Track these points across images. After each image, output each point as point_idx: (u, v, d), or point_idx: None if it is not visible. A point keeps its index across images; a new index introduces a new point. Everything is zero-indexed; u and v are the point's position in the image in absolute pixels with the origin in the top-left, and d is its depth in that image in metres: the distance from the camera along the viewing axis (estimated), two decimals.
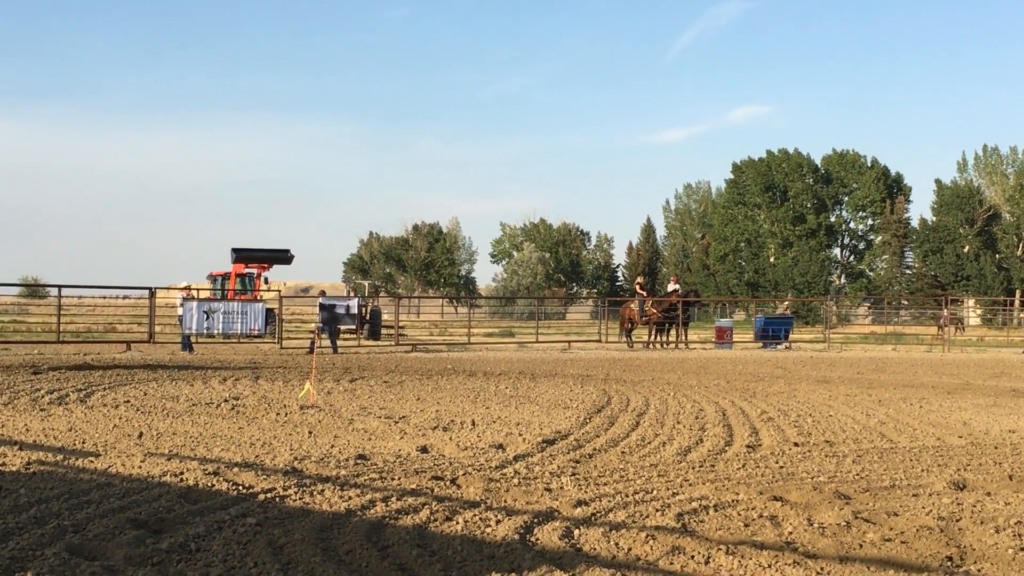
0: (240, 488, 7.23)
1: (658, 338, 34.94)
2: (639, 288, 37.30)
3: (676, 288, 36.17)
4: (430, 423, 11.56)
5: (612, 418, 12.31)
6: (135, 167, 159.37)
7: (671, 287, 36.69)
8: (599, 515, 6.66)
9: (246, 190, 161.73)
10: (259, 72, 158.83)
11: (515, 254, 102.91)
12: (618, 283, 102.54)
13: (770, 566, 5.50)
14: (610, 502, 7.06)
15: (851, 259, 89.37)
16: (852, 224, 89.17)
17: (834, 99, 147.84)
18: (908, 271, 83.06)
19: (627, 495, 7.32)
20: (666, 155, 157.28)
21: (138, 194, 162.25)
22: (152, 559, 5.35)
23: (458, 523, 6.32)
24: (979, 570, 5.60)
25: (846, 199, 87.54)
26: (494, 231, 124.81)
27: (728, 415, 12.78)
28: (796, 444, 10.33)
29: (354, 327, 33.24)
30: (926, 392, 16.87)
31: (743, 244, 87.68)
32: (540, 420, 12.03)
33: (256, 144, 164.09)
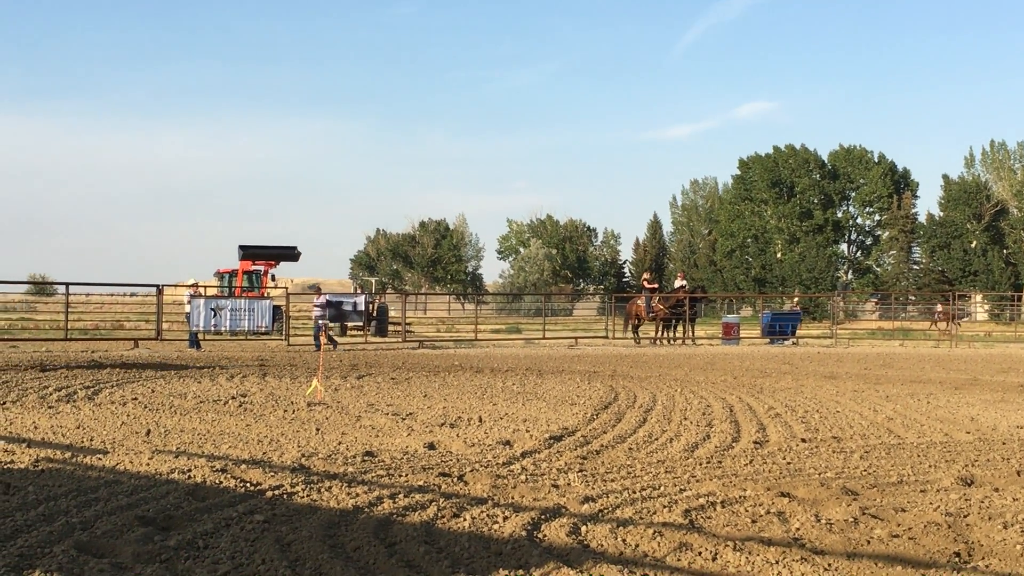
0: (248, 485, 7.24)
1: (665, 334, 34.91)
2: (647, 283, 37.20)
3: (683, 284, 36.15)
4: (437, 420, 11.57)
5: (619, 414, 12.31)
6: (142, 164, 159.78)
7: (678, 283, 36.67)
8: (606, 511, 6.66)
9: (253, 187, 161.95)
10: (266, 69, 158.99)
11: (522, 250, 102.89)
12: (625, 279, 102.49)
13: (778, 562, 5.50)
14: (617, 498, 7.06)
15: (858, 255, 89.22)
16: (859, 220, 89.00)
17: (841, 94, 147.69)
18: (915, 267, 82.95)
19: (634, 491, 7.32)
20: (673, 151, 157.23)
21: (145, 191, 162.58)
22: (160, 556, 5.36)
23: (465, 520, 6.32)
24: (987, 566, 5.59)
25: (853, 195, 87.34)
26: (501, 227, 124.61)
27: (735, 411, 12.77)
28: (803, 440, 10.32)
29: (361, 324, 33.30)
30: (933, 388, 16.85)
31: (750, 240, 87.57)
32: (547, 416, 12.04)
33: (263, 141, 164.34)
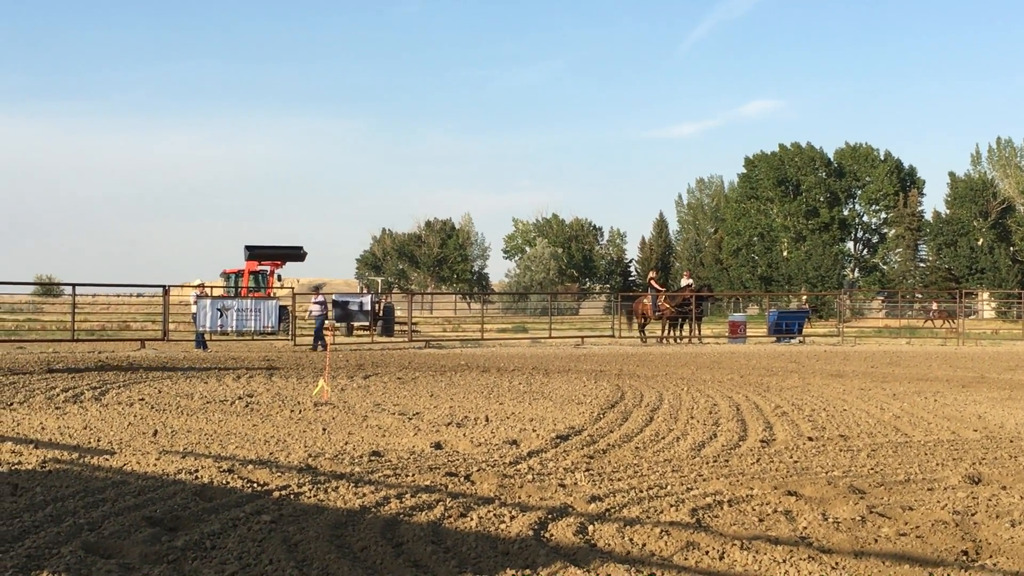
0: (255, 485, 7.25)
1: (671, 333, 34.88)
2: (653, 282, 37.15)
3: (689, 283, 36.12)
4: (444, 419, 11.57)
5: (626, 413, 12.30)
6: (148, 165, 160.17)
7: (684, 282, 36.65)
8: (613, 511, 6.65)
9: (259, 187, 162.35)
10: (271, 68, 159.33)
11: (528, 250, 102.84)
12: (631, 278, 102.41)
13: (785, 561, 5.49)
14: (624, 498, 7.06)
15: (864, 253, 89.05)
16: (865, 218, 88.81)
17: (846, 92, 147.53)
18: (922, 264, 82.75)
19: (641, 491, 7.31)
20: (678, 149, 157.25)
21: (151, 192, 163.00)
22: (168, 557, 5.37)
23: (472, 519, 6.32)
24: (995, 564, 5.58)
25: (859, 192, 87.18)
26: (506, 227, 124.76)
27: (742, 410, 12.76)
28: (810, 439, 10.31)
29: (367, 324, 33.32)
30: (940, 386, 16.82)
31: (756, 238, 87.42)
32: (554, 416, 12.03)
33: (268, 141, 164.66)
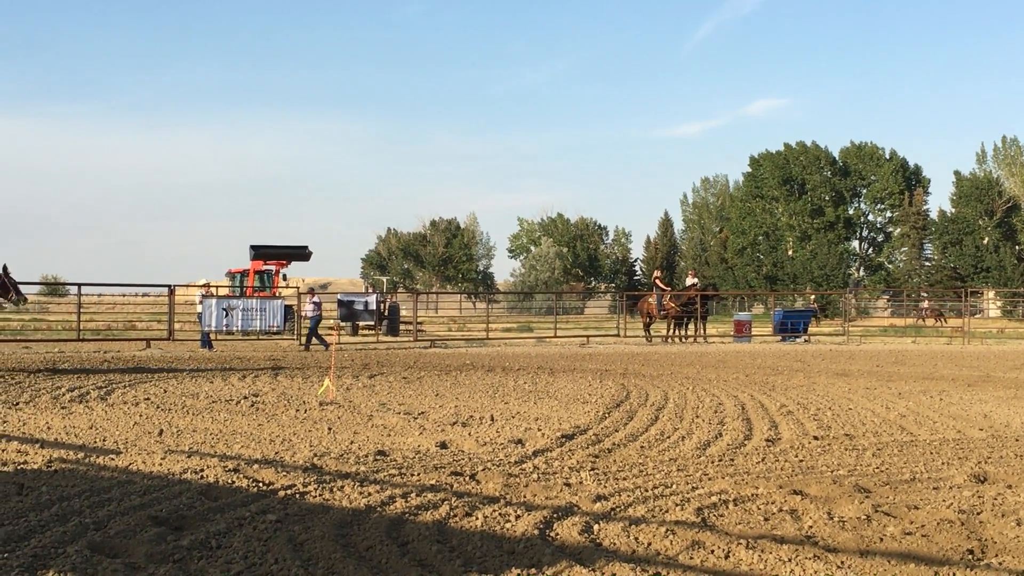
0: (260, 485, 7.26)
1: (676, 332, 34.85)
2: (659, 281, 37.11)
3: (694, 282, 36.10)
4: (449, 419, 11.57)
5: (631, 413, 12.30)
6: (153, 165, 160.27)
7: (689, 281, 36.63)
8: (619, 510, 6.65)
9: (264, 187, 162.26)
10: (275, 69, 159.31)
11: (533, 249, 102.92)
12: (636, 277, 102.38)
13: (790, 560, 5.49)
14: (629, 497, 7.05)
15: (870, 252, 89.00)
16: (871, 216, 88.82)
17: (851, 91, 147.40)
18: (927, 263, 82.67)
19: (646, 490, 7.31)
20: (683, 149, 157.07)
21: (156, 192, 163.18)
22: (173, 556, 5.37)
23: (478, 519, 6.32)
24: (1000, 563, 5.57)
25: (864, 191, 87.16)
26: (512, 226, 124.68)
27: (747, 409, 12.75)
28: (816, 438, 10.30)
29: (373, 323, 33.33)
30: (946, 384, 16.79)
31: (761, 237, 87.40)
32: (559, 415, 12.03)
33: (274, 141, 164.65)
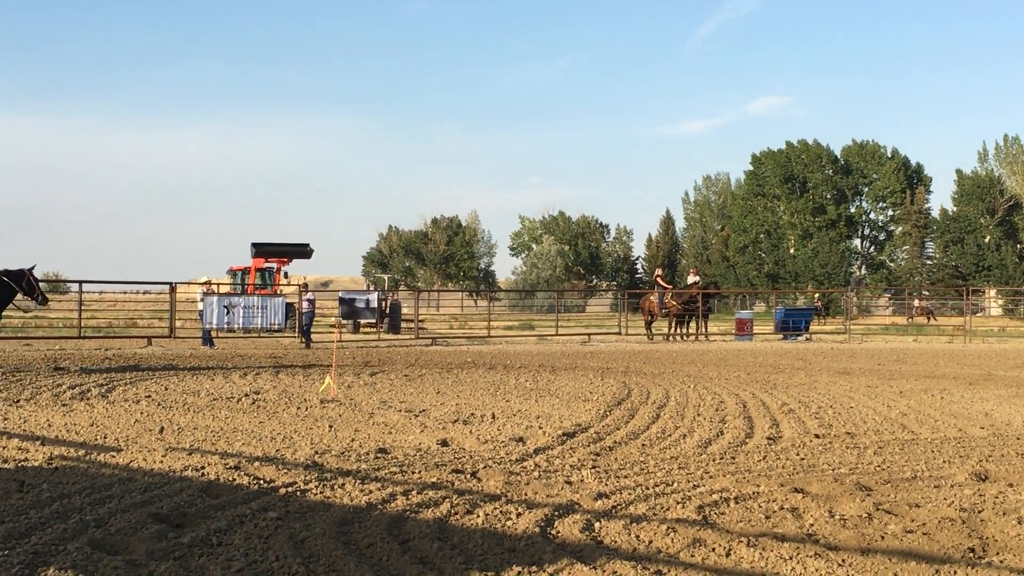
0: (261, 482, 7.25)
1: (678, 330, 34.83)
2: (660, 280, 37.08)
3: (696, 280, 36.08)
4: (450, 416, 11.57)
5: (632, 411, 12.29)
6: (154, 163, 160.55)
7: (691, 279, 36.60)
8: (620, 508, 6.65)
9: (265, 185, 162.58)
10: (278, 66, 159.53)
11: (534, 247, 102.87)
12: (638, 275, 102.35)
13: (791, 558, 5.49)
14: (631, 495, 7.05)
15: (871, 250, 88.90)
16: (872, 215, 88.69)
17: (853, 90, 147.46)
18: (929, 262, 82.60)
19: (648, 488, 7.31)
20: (685, 147, 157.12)
21: (158, 190, 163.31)
22: (174, 553, 5.37)
23: (479, 516, 6.32)
24: (1001, 561, 5.57)
25: (866, 190, 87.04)
26: (513, 224, 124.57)
27: (748, 407, 12.75)
28: (817, 436, 10.30)
29: (374, 321, 33.32)
30: (947, 383, 16.79)
31: (763, 235, 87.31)
32: (560, 413, 12.03)
33: (276, 138, 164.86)
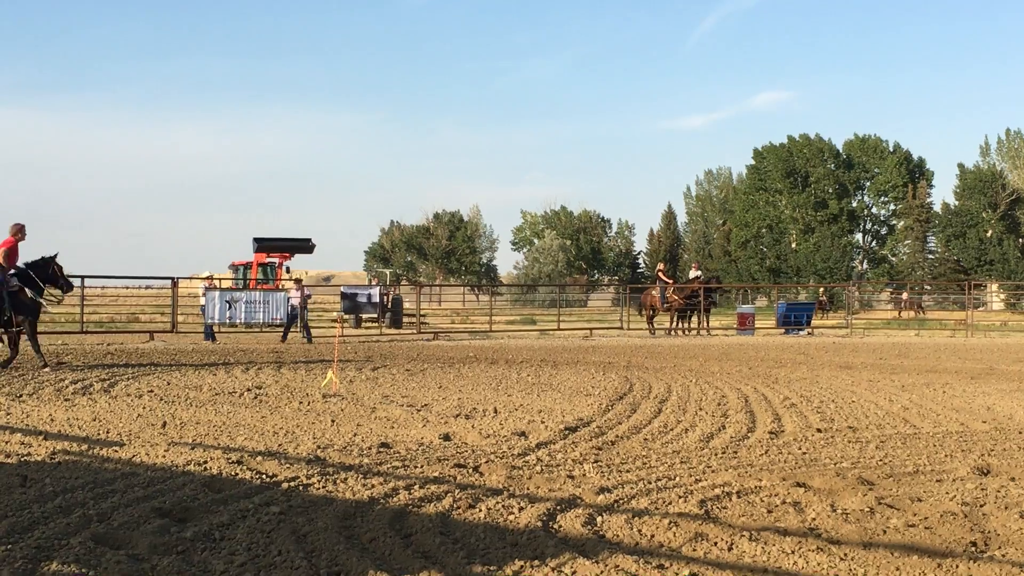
0: (264, 477, 7.26)
1: (680, 325, 34.82)
2: (662, 274, 37.04)
3: (698, 275, 36.05)
4: (452, 411, 11.57)
5: (634, 405, 12.29)
6: (157, 158, 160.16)
7: (692, 274, 36.57)
8: (622, 502, 6.65)
9: (267, 180, 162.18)
10: (279, 61, 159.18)
11: (536, 242, 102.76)
12: (639, 270, 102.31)
13: (793, 552, 5.49)
14: (633, 489, 7.05)
15: (873, 244, 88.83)
16: (874, 209, 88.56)
17: (855, 84, 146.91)
18: (931, 256, 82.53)
19: (650, 482, 7.31)
20: (687, 141, 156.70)
21: (160, 185, 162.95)
22: (177, 548, 5.38)
23: (481, 510, 6.32)
24: (1004, 555, 5.56)
25: (868, 184, 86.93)
26: (515, 219, 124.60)
27: (750, 401, 12.75)
28: (819, 430, 10.30)
29: (376, 315, 33.33)
30: (949, 377, 16.78)
31: (764, 230, 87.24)
32: (562, 407, 12.03)
33: (277, 134, 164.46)
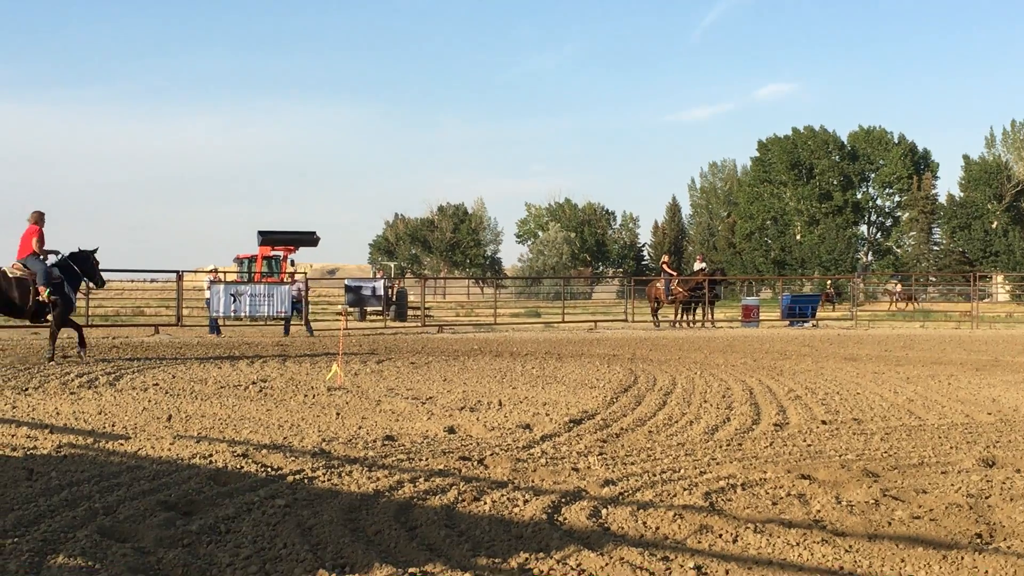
0: (269, 470, 7.27)
1: (684, 317, 34.80)
2: (666, 266, 37.01)
3: (702, 267, 36.02)
4: (457, 404, 11.58)
5: (639, 397, 12.29)
6: (161, 151, 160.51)
7: (697, 266, 36.55)
8: (627, 494, 6.66)
9: (272, 172, 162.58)
10: (282, 55, 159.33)
11: (540, 234, 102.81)
12: (644, 262, 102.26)
13: (798, 544, 5.49)
14: (637, 481, 7.06)
15: (878, 236, 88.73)
16: (879, 201, 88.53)
17: (860, 75, 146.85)
18: (936, 247, 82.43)
19: (654, 474, 7.32)
20: (692, 133, 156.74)
21: (165, 178, 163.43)
22: (182, 541, 5.39)
23: (486, 503, 6.33)
24: (1009, 547, 5.56)
25: (873, 176, 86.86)
26: (519, 211, 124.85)
27: (755, 393, 12.74)
28: (824, 422, 10.29)
29: (380, 308, 33.35)
30: (954, 369, 16.76)
31: (769, 222, 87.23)
32: (567, 400, 12.03)
33: (281, 127, 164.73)
